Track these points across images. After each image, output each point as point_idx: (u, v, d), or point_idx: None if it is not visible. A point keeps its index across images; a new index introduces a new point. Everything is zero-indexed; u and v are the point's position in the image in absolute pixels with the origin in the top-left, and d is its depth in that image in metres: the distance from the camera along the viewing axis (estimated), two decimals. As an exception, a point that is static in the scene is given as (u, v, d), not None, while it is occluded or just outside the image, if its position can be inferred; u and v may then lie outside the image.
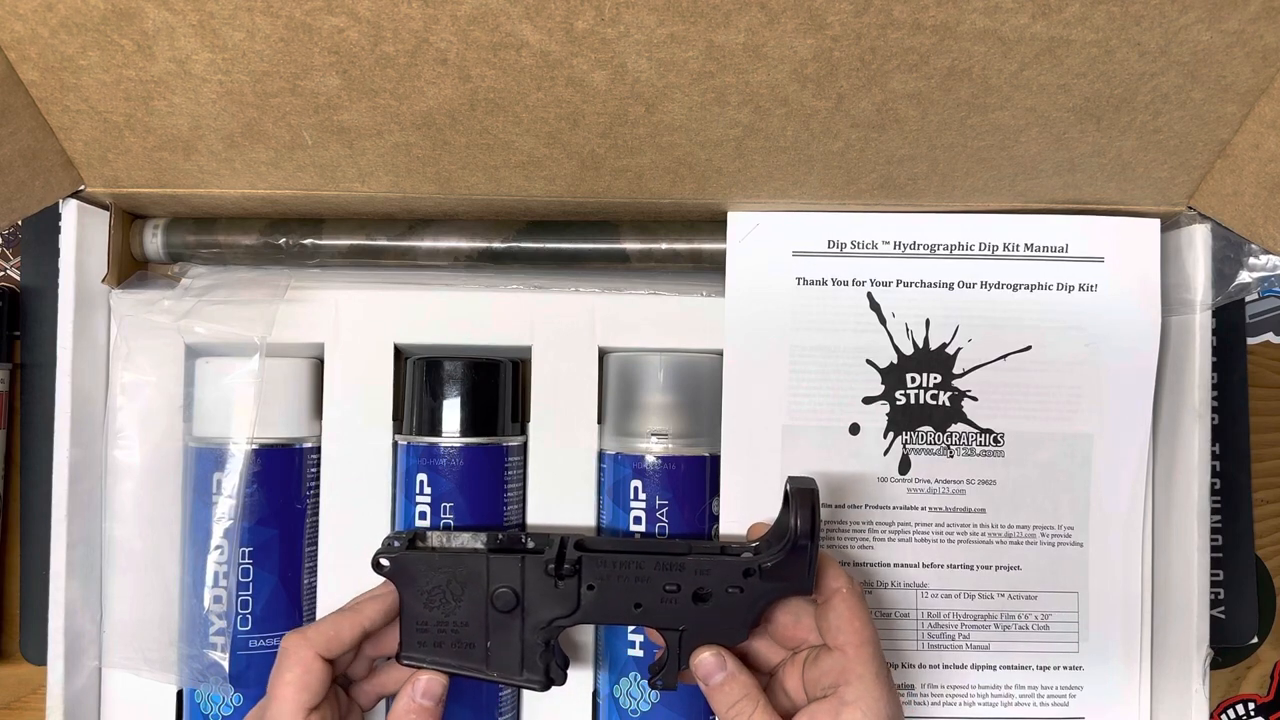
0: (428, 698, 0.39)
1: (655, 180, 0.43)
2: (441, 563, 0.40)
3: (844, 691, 0.37)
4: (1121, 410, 0.44)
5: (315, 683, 0.37)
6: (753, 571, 0.39)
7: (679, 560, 0.39)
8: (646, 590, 0.39)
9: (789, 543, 0.38)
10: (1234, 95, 0.38)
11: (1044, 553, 0.45)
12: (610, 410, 0.46)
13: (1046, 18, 0.34)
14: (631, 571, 0.39)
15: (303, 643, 0.38)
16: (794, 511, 0.38)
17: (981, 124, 0.39)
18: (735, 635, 0.39)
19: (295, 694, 0.37)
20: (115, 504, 0.45)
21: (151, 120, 0.40)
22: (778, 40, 0.35)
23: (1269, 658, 0.53)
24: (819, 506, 0.38)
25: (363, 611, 0.39)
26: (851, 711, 0.36)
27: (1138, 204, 0.44)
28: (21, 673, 0.51)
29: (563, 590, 0.39)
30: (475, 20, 0.34)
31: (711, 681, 0.39)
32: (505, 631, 0.40)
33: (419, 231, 0.46)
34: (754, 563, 0.39)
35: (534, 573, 0.39)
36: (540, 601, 0.39)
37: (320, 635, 0.38)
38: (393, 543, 0.40)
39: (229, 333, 0.44)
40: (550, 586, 0.39)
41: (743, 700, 0.38)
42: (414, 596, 0.40)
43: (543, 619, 0.39)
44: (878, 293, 0.45)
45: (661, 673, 0.40)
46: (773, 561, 0.38)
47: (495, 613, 0.39)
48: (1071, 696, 0.45)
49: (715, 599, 0.39)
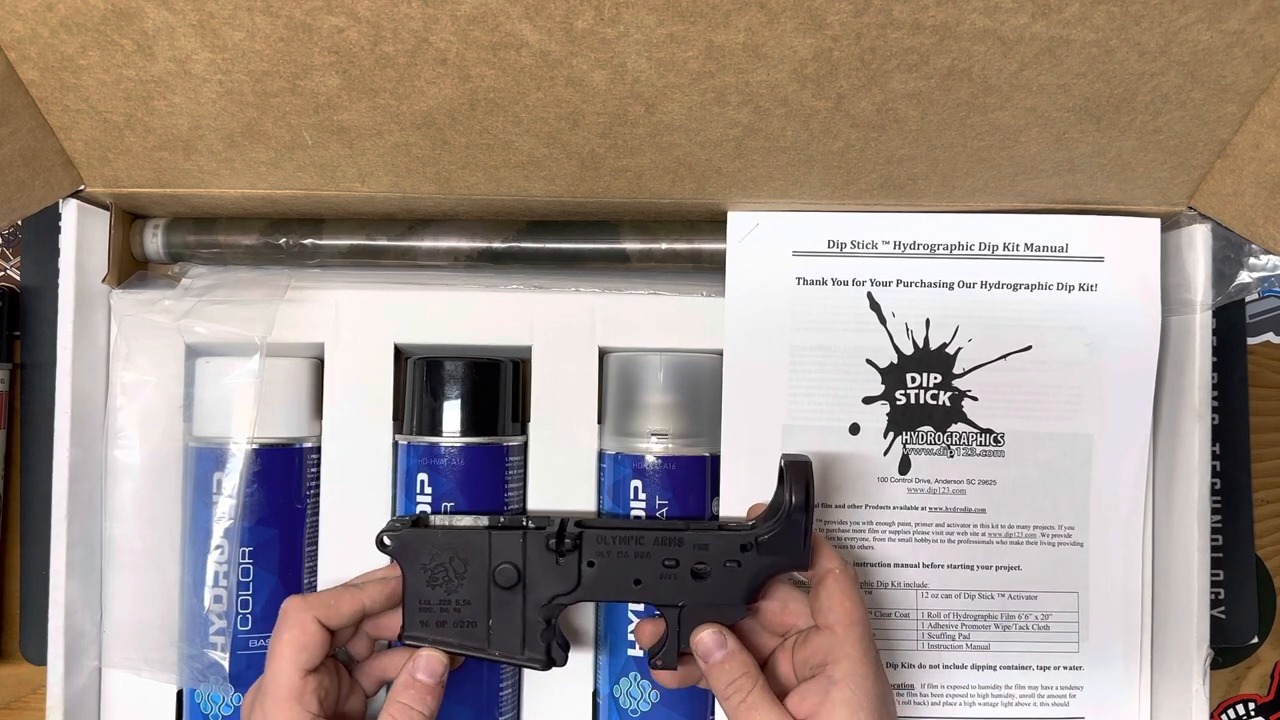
0: (428, 675, 0.39)
1: (655, 180, 0.43)
2: (444, 540, 0.40)
3: (832, 670, 0.37)
4: (1121, 410, 0.44)
5: (312, 644, 0.38)
6: (749, 545, 0.40)
7: (678, 535, 0.40)
8: (646, 566, 0.40)
9: (784, 515, 0.39)
10: (1234, 95, 0.38)
11: (1044, 553, 0.45)
12: (610, 410, 0.46)
13: (1046, 18, 0.34)
14: (631, 547, 0.40)
15: (302, 605, 0.39)
16: (788, 485, 0.39)
17: (981, 124, 0.39)
18: (734, 612, 0.40)
19: (293, 654, 0.38)
20: (115, 504, 0.45)
21: (151, 120, 0.40)
22: (777, 40, 0.35)
23: (1269, 658, 0.53)
24: (813, 480, 0.39)
25: (365, 590, 0.40)
26: (840, 690, 0.37)
27: (1138, 204, 0.44)
28: (21, 673, 0.51)
29: (563, 567, 0.40)
30: (475, 20, 0.34)
31: (711, 659, 0.39)
32: (507, 609, 0.40)
33: (419, 231, 0.46)
34: (750, 536, 0.40)
35: (535, 548, 0.40)
36: (541, 578, 0.40)
37: (320, 601, 0.39)
38: (396, 524, 0.41)
39: (229, 333, 0.44)
40: (551, 563, 0.40)
41: (742, 678, 0.38)
42: (417, 575, 0.40)
43: (544, 596, 0.40)
44: (878, 292, 0.45)
45: (661, 653, 0.40)
46: (769, 534, 0.39)
47: (497, 590, 0.40)
48: (1071, 696, 0.45)
49: (713, 574, 0.40)
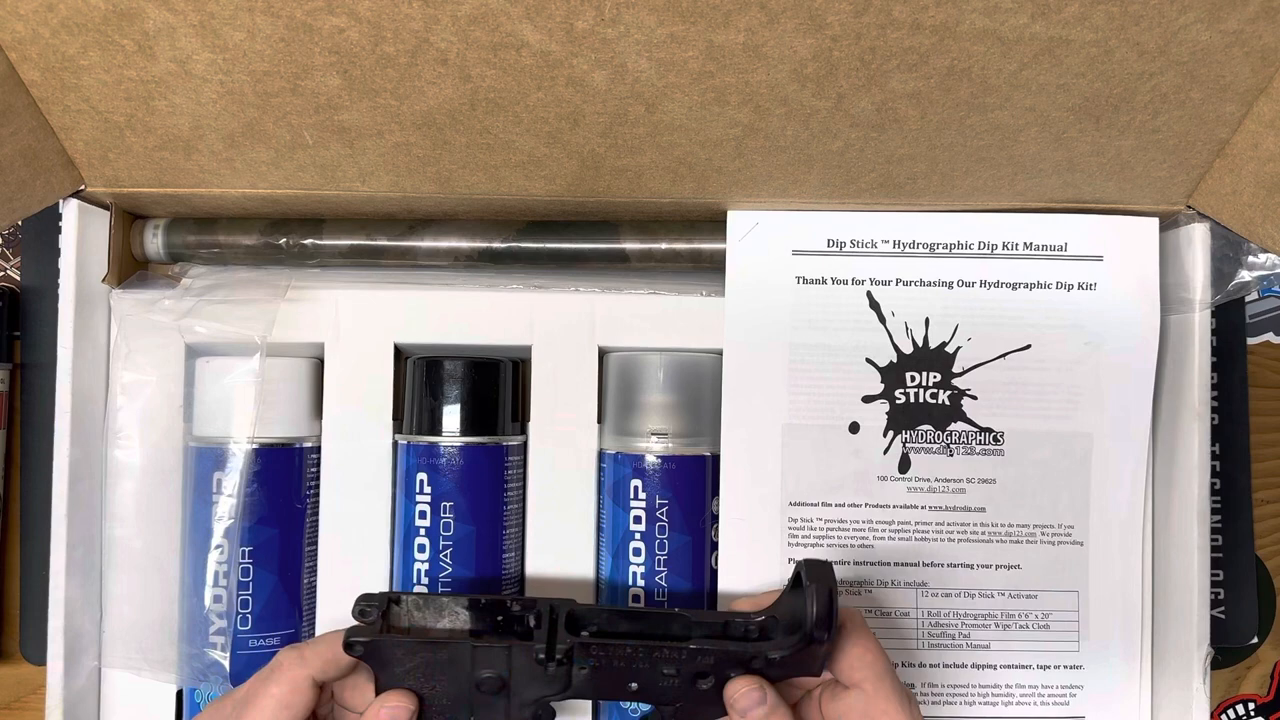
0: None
1: (655, 180, 0.43)
2: (419, 649, 0.36)
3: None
4: (1121, 409, 0.44)
5: (300, 704, 0.36)
6: (758, 658, 0.36)
7: (680, 648, 0.36)
8: (643, 674, 0.37)
9: (804, 636, 0.35)
10: (1233, 95, 0.38)
11: (1044, 552, 0.45)
12: (610, 410, 0.46)
13: (1046, 18, 0.34)
14: (627, 655, 0.36)
15: (298, 661, 0.36)
16: (810, 598, 0.34)
17: (981, 124, 0.39)
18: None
19: (276, 710, 0.36)
20: (115, 504, 0.45)
21: (152, 120, 0.40)
22: (777, 40, 0.35)
23: (1269, 658, 0.53)
24: (837, 594, 0.35)
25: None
26: None
27: (1137, 203, 0.44)
28: (21, 673, 0.51)
29: (553, 673, 0.36)
30: (475, 20, 0.34)
31: (750, 716, 0.36)
32: (490, 710, 0.37)
33: (419, 231, 0.46)
34: (760, 651, 0.36)
35: (521, 660, 0.36)
36: (528, 683, 0.37)
37: (318, 657, 0.36)
38: (365, 610, 0.37)
39: (229, 332, 0.44)
40: (540, 671, 0.36)
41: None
42: (390, 678, 0.37)
43: (530, 697, 0.37)
44: (877, 291, 0.45)
45: None
46: (782, 654, 0.35)
47: (480, 694, 0.37)
48: (1071, 696, 0.45)
49: (716, 684, 0.37)
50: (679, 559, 0.44)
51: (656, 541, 0.44)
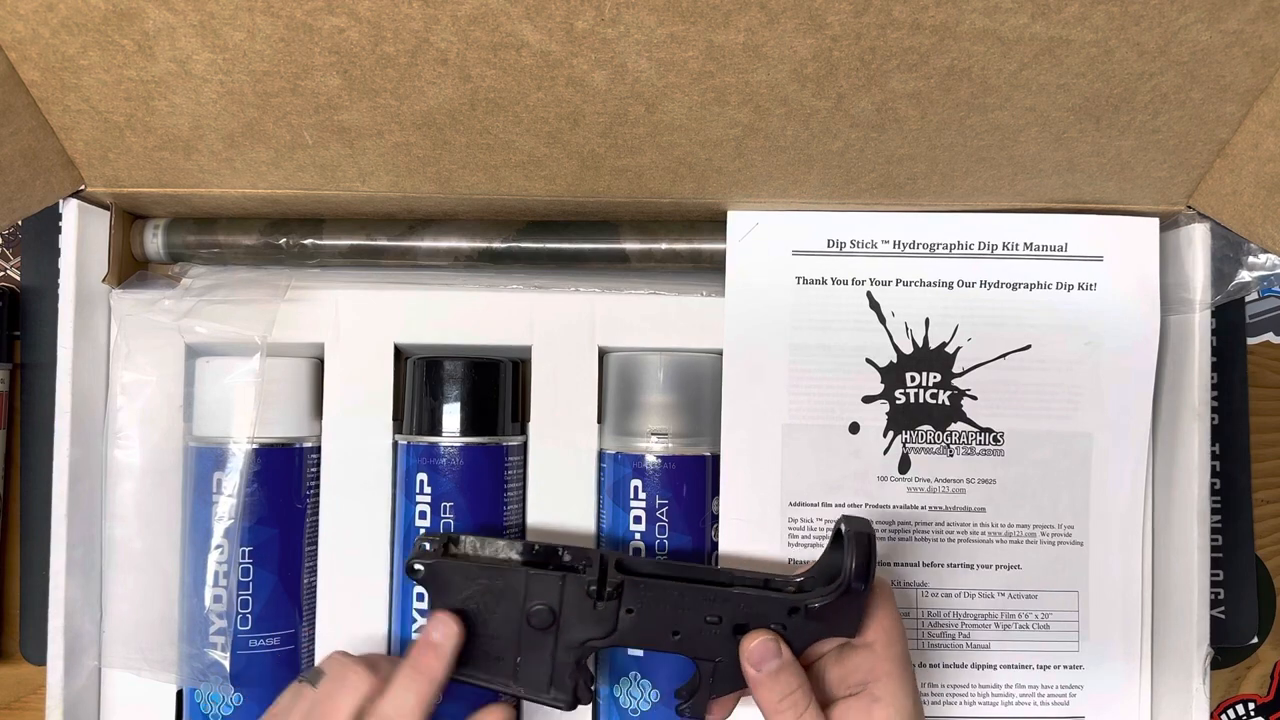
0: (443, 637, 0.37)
1: (655, 180, 0.43)
2: (478, 574, 0.38)
3: (874, 688, 0.36)
4: (1121, 409, 0.44)
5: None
6: (798, 609, 0.37)
7: (724, 592, 0.38)
8: (687, 618, 0.38)
9: (842, 585, 0.36)
10: (1233, 95, 0.38)
11: (1044, 552, 0.45)
12: (610, 410, 0.46)
13: (1046, 18, 0.34)
14: (673, 599, 0.38)
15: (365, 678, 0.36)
16: (849, 551, 0.36)
17: (981, 124, 0.39)
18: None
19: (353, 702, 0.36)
20: (115, 504, 0.45)
21: (152, 120, 0.40)
22: (777, 40, 0.35)
23: (1269, 658, 0.53)
24: (875, 550, 0.36)
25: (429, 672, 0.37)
26: (882, 709, 0.36)
27: (1137, 203, 0.44)
28: (21, 673, 0.51)
29: (601, 611, 0.38)
30: (475, 20, 0.34)
31: (764, 668, 0.36)
32: (537, 648, 0.38)
33: (419, 231, 0.46)
34: (801, 601, 0.37)
35: (573, 592, 0.38)
36: (576, 621, 0.38)
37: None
38: (425, 545, 0.39)
39: (229, 332, 0.44)
40: (589, 607, 0.38)
41: (797, 692, 0.36)
42: (444, 605, 0.38)
43: (577, 638, 0.38)
44: (877, 292, 0.45)
45: (691, 701, 0.38)
46: (821, 602, 0.37)
47: (529, 629, 0.38)
48: (1071, 696, 0.45)
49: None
50: (679, 559, 0.44)
51: (656, 541, 0.44)
